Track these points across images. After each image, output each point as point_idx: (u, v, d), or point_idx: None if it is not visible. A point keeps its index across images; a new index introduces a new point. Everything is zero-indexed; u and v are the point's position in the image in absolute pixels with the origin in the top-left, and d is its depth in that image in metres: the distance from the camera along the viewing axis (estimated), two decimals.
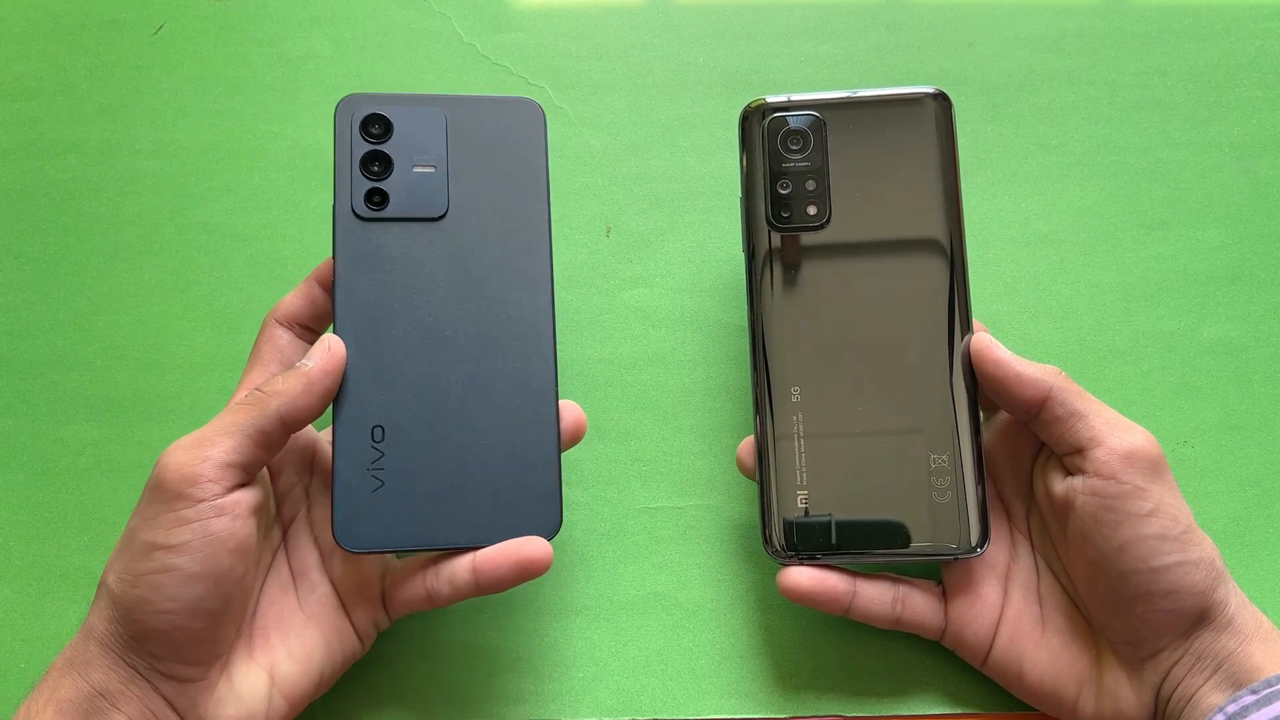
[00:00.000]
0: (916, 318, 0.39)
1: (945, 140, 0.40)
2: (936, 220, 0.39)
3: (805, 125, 0.40)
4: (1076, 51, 0.50)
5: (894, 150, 0.40)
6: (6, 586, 0.43)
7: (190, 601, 0.32)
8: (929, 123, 0.40)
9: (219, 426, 0.34)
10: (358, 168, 0.38)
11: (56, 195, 0.48)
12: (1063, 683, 0.37)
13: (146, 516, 0.33)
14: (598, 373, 0.45)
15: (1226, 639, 0.34)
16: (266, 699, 0.35)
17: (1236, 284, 0.47)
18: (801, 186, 0.40)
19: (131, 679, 0.32)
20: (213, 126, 0.48)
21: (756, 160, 0.40)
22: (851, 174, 0.40)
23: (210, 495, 0.33)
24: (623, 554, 0.43)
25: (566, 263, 0.47)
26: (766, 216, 0.40)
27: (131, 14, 0.50)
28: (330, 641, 0.37)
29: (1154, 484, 0.34)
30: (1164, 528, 0.34)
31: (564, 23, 0.50)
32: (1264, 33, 0.50)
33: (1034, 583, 0.39)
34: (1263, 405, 0.45)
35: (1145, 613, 0.34)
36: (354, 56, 0.49)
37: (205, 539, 0.32)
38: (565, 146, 0.48)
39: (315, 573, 0.38)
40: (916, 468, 0.38)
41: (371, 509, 0.36)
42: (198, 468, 0.33)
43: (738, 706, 0.41)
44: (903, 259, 0.39)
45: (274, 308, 0.39)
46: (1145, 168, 0.48)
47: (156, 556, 0.32)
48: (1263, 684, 0.32)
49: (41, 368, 0.45)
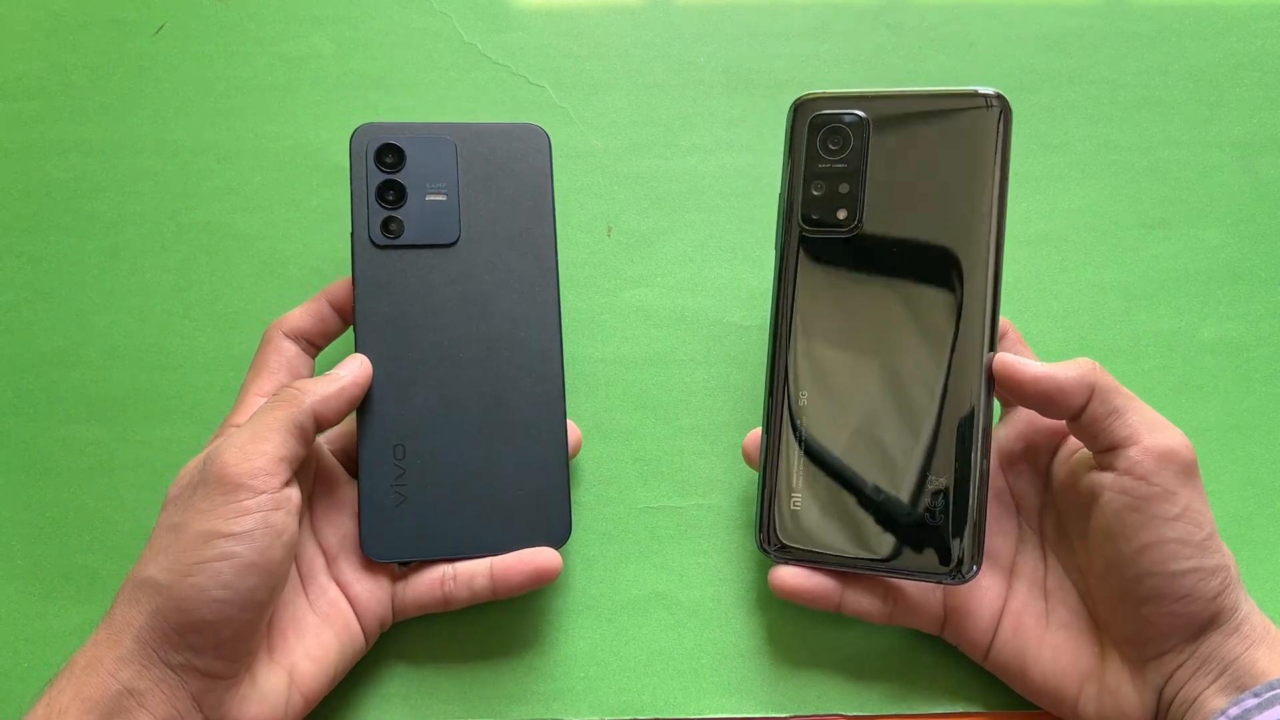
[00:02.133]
0: (941, 335, 0.37)
1: (997, 149, 0.37)
2: (977, 234, 0.37)
3: (848, 125, 0.39)
4: (1076, 51, 0.50)
5: (941, 155, 0.38)
6: (8, 586, 0.43)
7: (244, 591, 0.33)
8: (982, 130, 0.37)
9: (266, 423, 0.35)
10: (373, 197, 0.40)
11: (58, 194, 0.48)
12: (1065, 679, 0.37)
13: (203, 509, 0.33)
14: (598, 372, 0.45)
15: (1234, 643, 0.34)
16: (286, 697, 0.36)
17: (1237, 283, 0.47)
18: (834, 189, 0.39)
19: (163, 678, 0.33)
20: (214, 126, 0.48)
21: (798, 157, 0.39)
22: (890, 181, 0.38)
23: (270, 488, 0.34)
24: (623, 554, 0.43)
25: (568, 262, 0.47)
26: (799, 217, 0.39)
27: (133, 13, 0.50)
28: (342, 641, 0.38)
29: (1184, 488, 0.34)
30: (1187, 533, 0.34)
31: (565, 22, 0.50)
32: (1264, 32, 0.50)
33: (1040, 577, 0.39)
34: (1263, 405, 0.45)
35: (1155, 615, 0.34)
36: (355, 56, 0.49)
37: (265, 529, 0.33)
38: (566, 146, 0.48)
39: (323, 576, 0.39)
40: (915, 486, 0.37)
41: (395, 522, 0.39)
42: (257, 461, 0.34)
43: (738, 706, 0.41)
44: (935, 273, 0.37)
45: (280, 320, 0.40)
46: (1146, 167, 0.48)
47: (217, 544, 0.33)
48: (1265, 686, 0.32)
49: (43, 367, 0.45)
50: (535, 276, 0.40)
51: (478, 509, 0.39)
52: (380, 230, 0.40)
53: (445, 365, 0.40)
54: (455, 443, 0.39)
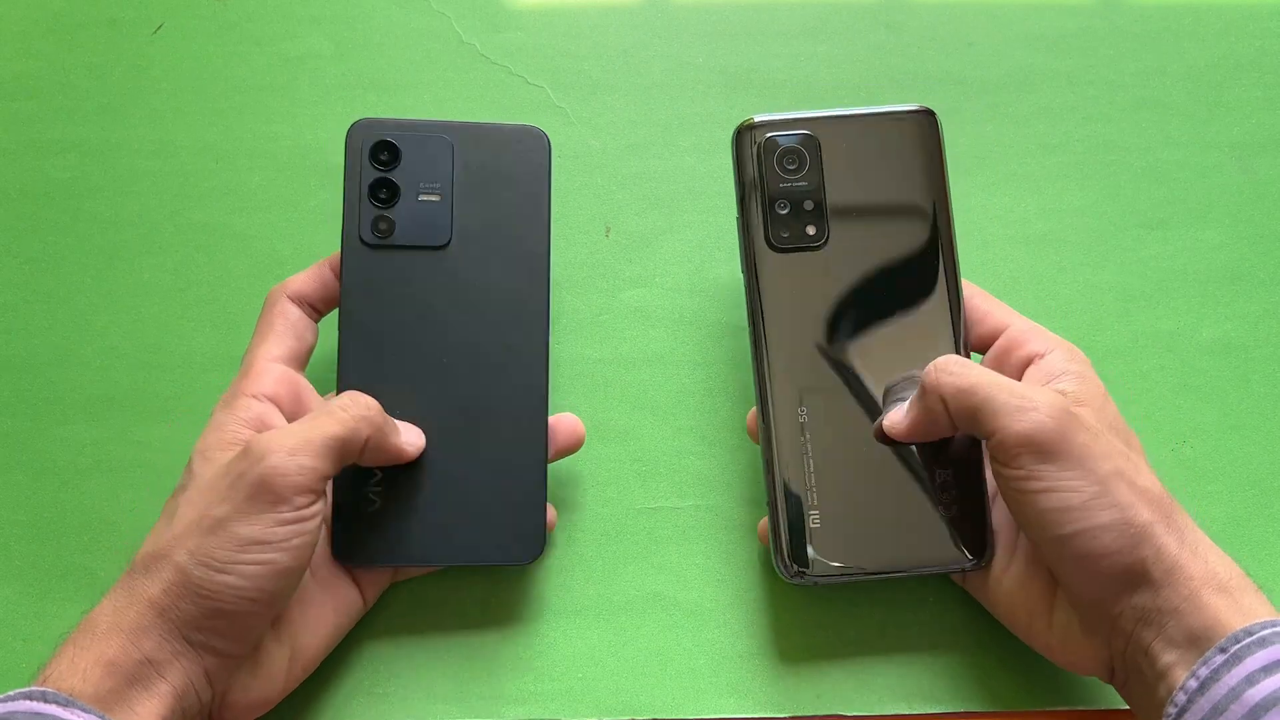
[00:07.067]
0: (915, 335, 0.39)
1: (934, 156, 0.40)
2: (930, 236, 0.40)
3: (799, 144, 0.40)
4: (1076, 51, 0.50)
5: (885, 168, 0.40)
6: (6, 586, 0.43)
7: (275, 592, 0.34)
8: (917, 139, 0.40)
9: (317, 432, 0.35)
10: (366, 195, 0.40)
11: (56, 195, 0.48)
12: (1018, 609, 0.38)
13: (245, 511, 0.33)
14: (597, 373, 0.45)
15: (1168, 593, 0.33)
16: (286, 668, 0.36)
17: (1236, 284, 0.47)
18: (799, 207, 0.40)
19: (181, 652, 0.33)
20: (212, 126, 0.48)
21: (751, 180, 0.40)
22: (847, 193, 0.40)
23: (309, 504, 0.34)
24: (622, 554, 0.43)
25: (566, 263, 0.47)
26: (766, 238, 0.40)
27: (131, 13, 0.50)
28: (340, 608, 0.39)
29: (1046, 464, 0.34)
30: (1063, 500, 0.34)
31: (563, 22, 0.50)
32: (1264, 33, 0.50)
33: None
34: (1262, 405, 0.45)
35: (1070, 575, 0.35)
36: (354, 56, 0.49)
37: (302, 540, 0.34)
38: (565, 146, 0.48)
39: (323, 545, 0.39)
40: (923, 484, 0.39)
41: (367, 528, 0.38)
42: (303, 478, 0.34)
43: (738, 706, 0.41)
44: (898, 274, 0.40)
45: (283, 284, 0.40)
46: (1144, 167, 0.48)
47: (255, 551, 0.33)
48: (1230, 640, 0.32)
49: (41, 367, 0.45)
50: (525, 285, 0.40)
51: (451, 518, 0.39)
52: (371, 229, 0.39)
53: (427, 371, 0.39)
54: (434, 451, 0.39)
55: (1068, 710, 0.40)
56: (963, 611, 0.41)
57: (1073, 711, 0.40)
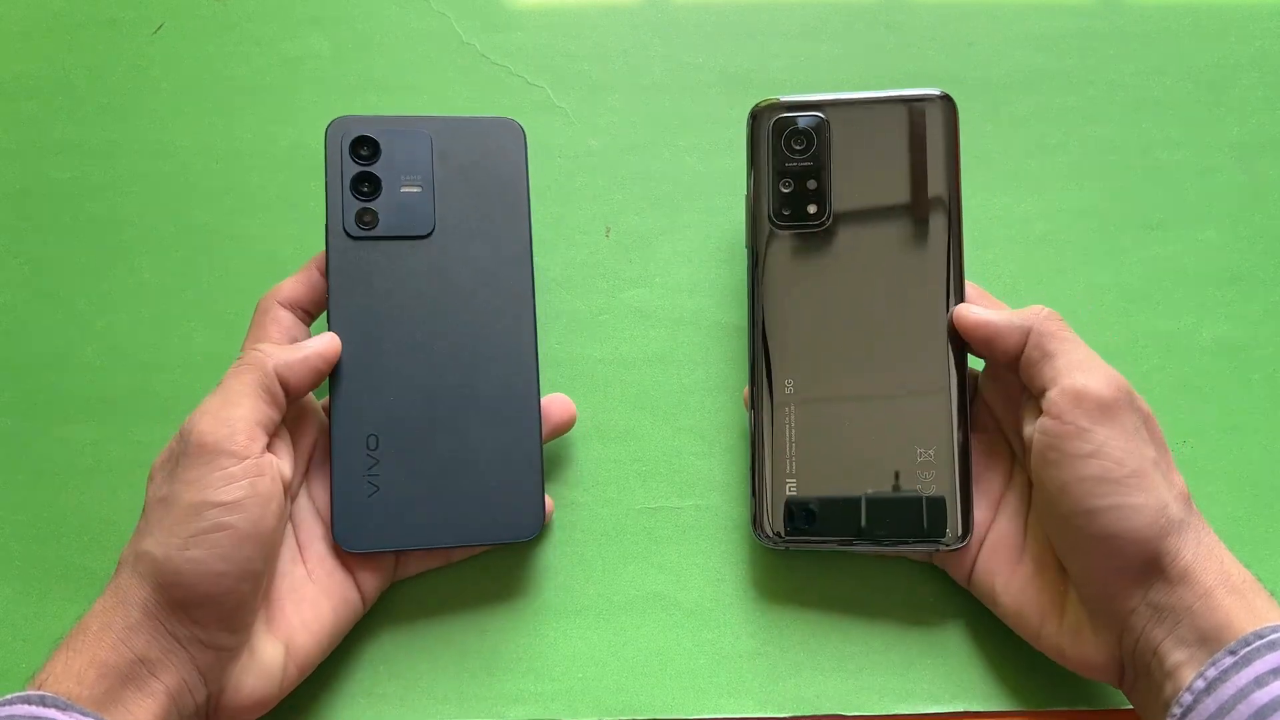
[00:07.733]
0: (912, 316, 0.40)
1: (948, 142, 0.41)
2: (936, 223, 0.40)
3: (810, 125, 0.41)
4: (1076, 51, 0.50)
5: (897, 151, 0.41)
6: (6, 586, 0.43)
7: (241, 562, 0.33)
8: (932, 124, 0.41)
9: (235, 389, 0.35)
10: (348, 188, 0.40)
11: (56, 195, 0.48)
12: (1029, 611, 0.38)
13: (190, 480, 0.33)
14: (597, 373, 0.45)
15: (1183, 592, 0.33)
16: (282, 668, 0.36)
17: (1236, 284, 0.47)
18: (803, 185, 0.41)
19: (173, 649, 0.33)
20: (212, 126, 0.48)
21: (762, 158, 0.41)
22: (854, 174, 0.41)
23: (251, 453, 0.34)
24: (622, 554, 0.43)
25: (566, 263, 0.47)
26: (769, 214, 0.41)
27: (131, 13, 0.50)
28: (338, 609, 0.38)
29: (1100, 426, 0.34)
30: (1104, 469, 0.34)
31: (563, 22, 0.50)
32: (1264, 33, 0.50)
33: (1023, 512, 0.40)
34: (1262, 405, 0.45)
35: (1088, 559, 0.35)
36: (353, 56, 0.49)
37: (254, 497, 0.34)
38: (565, 146, 0.48)
39: (321, 544, 0.39)
40: (904, 461, 0.39)
41: (367, 513, 0.39)
42: (234, 426, 0.34)
43: (737, 707, 0.41)
44: (901, 258, 0.40)
45: (273, 291, 0.40)
46: (1144, 168, 0.48)
47: (210, 515, 0.33)
48: (1240, 643, 0.32)
49: (41, 368, 0.45)
50: (510, 269, 0.41)
51: (450, 500, 0.39)
52: (355, 221, 0.40)
53: (419, 357, 0.40)
54: (428, 434, 0.39)
55: (1069, 710, 0.40)
56: (964, 612, 0.41)
57: (1074, 711, 0.40)
